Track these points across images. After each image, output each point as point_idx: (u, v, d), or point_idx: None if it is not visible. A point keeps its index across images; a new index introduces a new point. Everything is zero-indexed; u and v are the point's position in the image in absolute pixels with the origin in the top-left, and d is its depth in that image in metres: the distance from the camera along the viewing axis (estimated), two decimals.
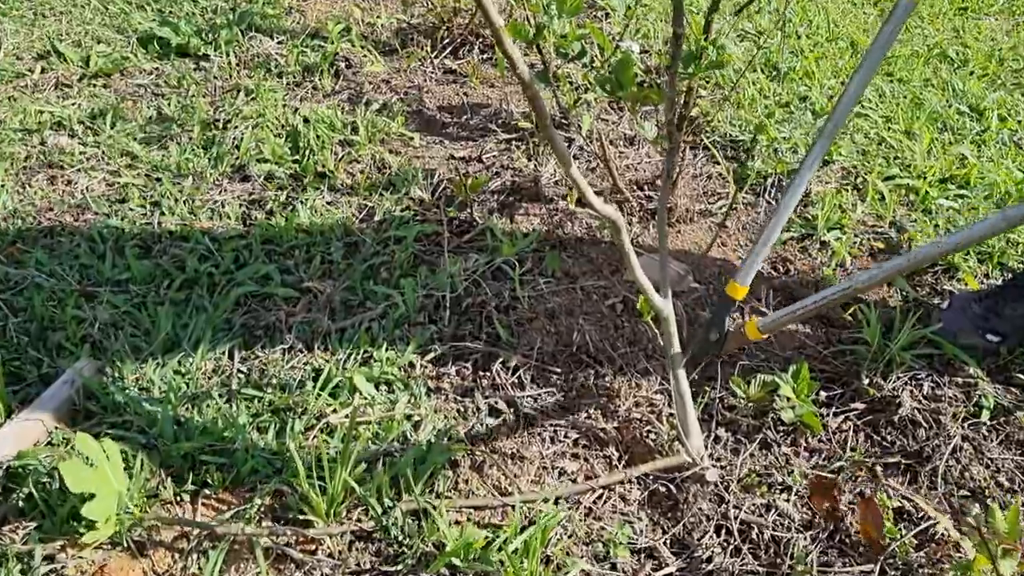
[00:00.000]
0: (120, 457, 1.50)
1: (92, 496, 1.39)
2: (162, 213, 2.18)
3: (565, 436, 1.69)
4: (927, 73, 3.05)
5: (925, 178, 2.37)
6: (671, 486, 1.60)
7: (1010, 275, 1.98)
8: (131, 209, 2.19)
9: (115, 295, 1.93)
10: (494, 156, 2.50)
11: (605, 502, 1.58)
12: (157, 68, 2.85)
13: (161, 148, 2.43)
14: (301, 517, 1.48)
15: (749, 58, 2.88)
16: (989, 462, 1.65)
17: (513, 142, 2.57)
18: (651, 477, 1.62)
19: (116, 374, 1.75)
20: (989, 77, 3.07)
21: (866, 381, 1.79)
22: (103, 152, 2.39)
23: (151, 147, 2.43)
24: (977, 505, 1.57)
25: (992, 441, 1.68)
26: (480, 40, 3.06)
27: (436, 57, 2.99)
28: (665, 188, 1.38)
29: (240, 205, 2.24)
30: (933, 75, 3.03)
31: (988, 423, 1.71)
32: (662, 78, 2.84)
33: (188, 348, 1.81)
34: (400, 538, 1.45)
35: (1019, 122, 2.75)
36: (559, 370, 1.82)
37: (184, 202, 2.22)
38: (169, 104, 2.62)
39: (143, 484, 1.54)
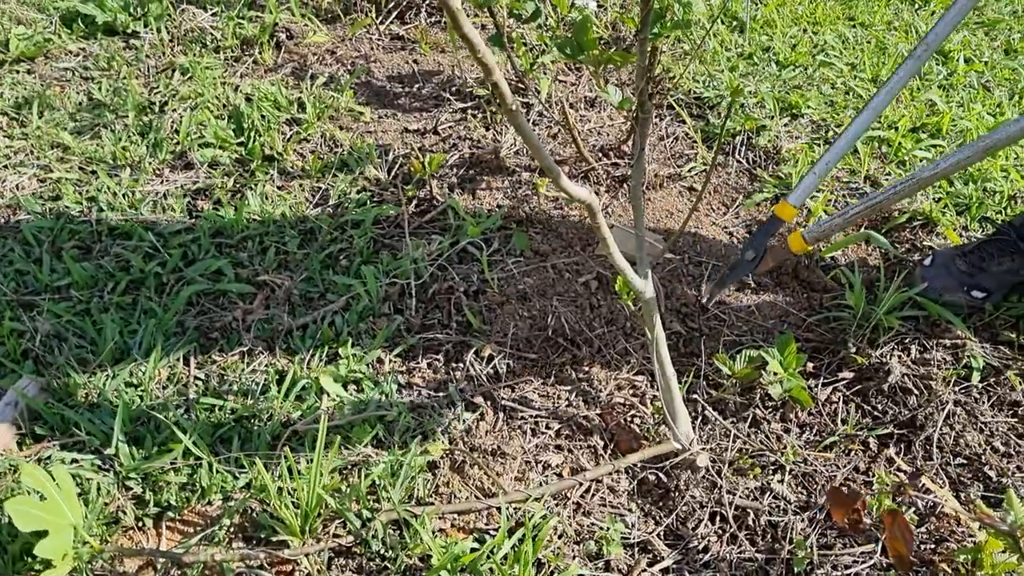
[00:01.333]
0: (72, 485, 1.38)
1: (45, 533, 1.29)
2: (100, 209, 2.03)
3: (547, 427, 1.61)
4: (888, 15, 2.97)
5: (896, 129, 2.30)
6: (661, 474, 1.53)
7: (993, 229, 1.92)
8: (66, 207, 2.04)
9: (56, 303, 1.79)
10: (450, 127, 2.38)
11: (593, 495, 1.51)
12: (83, 49, 2.66)
13: (94, 137, 2.26)
14: (274, 538, 1.39)
15: (710, 11, 2.78)
16: (983, 426, 1.60)
17: (469, 111, 2.44)
18: (639, 466, 1.55)
19: (63, 390, 1.62)
20: None
21: (853, 349, 1.73)
22: (31, 145, 2.22)
23: (83, 137, 2.27)
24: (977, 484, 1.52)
25: (984, 404, 1.64)
26: (427, 2, 2.91)
27: (382, 23, 2.84)
28: (638, 166, 1.29)
29: (184, 196, 2.10)
30: (895, 17, 2.96)
31: (979, 385, 1.67)
32: (621, 34, 2.73)
33: (139, 356, 1.69)
34: (382, 552, 1.37)
35: (985, 63, 2.69)
36: (535, 356, 1.73)
37: (123, 196, 2.07)
38: (100, 88, 2.45)
39: (101, 511, 1.43)
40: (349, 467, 1.50)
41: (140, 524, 1.44)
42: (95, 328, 1.75)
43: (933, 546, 1.39)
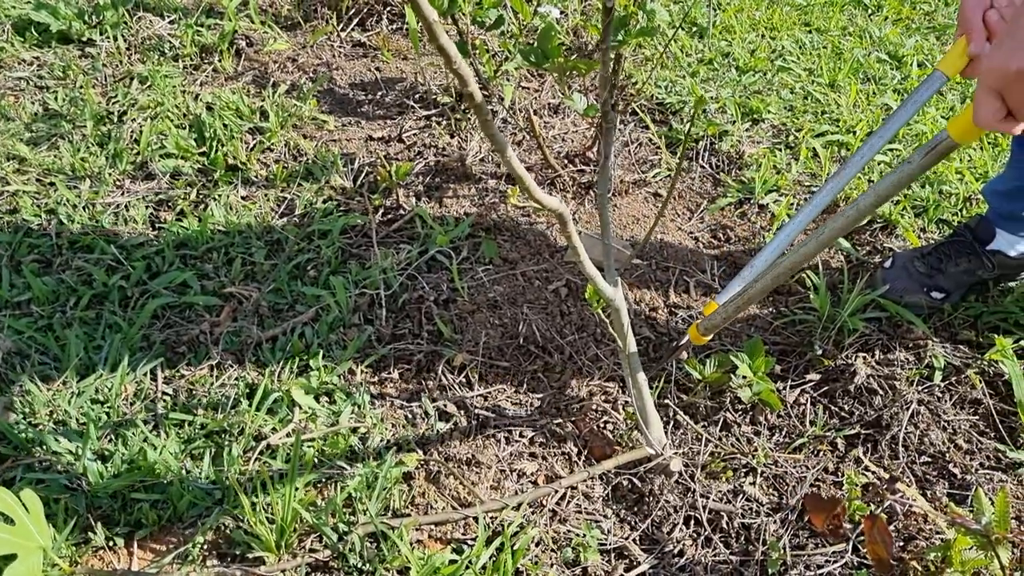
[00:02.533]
0: (41, 507, 1.35)
1: (14, 557, 1.26)
2: (60, 222, 1.99)
3: (520, 435, 1.62)
4: (843, 21, 3.03)
5: (854, 133, 2.35)
6: (635, 479, 1.55)
7: (950, 231, 1.97)
8: (24, 220, 1.99)
9: (16, 319, 1.76)
10: (414, 135, 2.38)
11: (569, 502, 1.52)
12: (38, 58, 2.61)
13: (51, 148, 2.22)
14: (250, 555, 1.37)
15: (670, 17, 2.80)
16: (946, 424, 1.64)
17: (433, 118, 2.44)
18: (613, 472, 1.56)
19: (26, 409, 1.59)
20: (903, 22, 3.07)
21: (819, 351, 1.76)
22: None
23: (40, 148, 2.22)
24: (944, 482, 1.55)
25: (946, 403, 1.68)
26: (388, 9, 2.91)
27: (343, 30, 2.83)
28: (603, 174, 1.30)
29: (146, 207, 2.06)
30: (849, 23, 3.02)
31: (941, 384, 1.71)
32: (583, 39, 2.75)
33: (105, 372, 1.66)
34: (360, 565, 1.36)
35: None
36: (507, 364, 1.74)
37: (83, 208, 2.04)
38: (56, 98, 2.40)
39: (71, 532, 1.40)
40: (324, 480, 1.49)
41: (111, 544, 1.41)
42: (58, 344, 1.71)
43: (902, 543, 1.42)
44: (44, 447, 1.52)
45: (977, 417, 1.66)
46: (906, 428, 1.62)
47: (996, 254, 1.82)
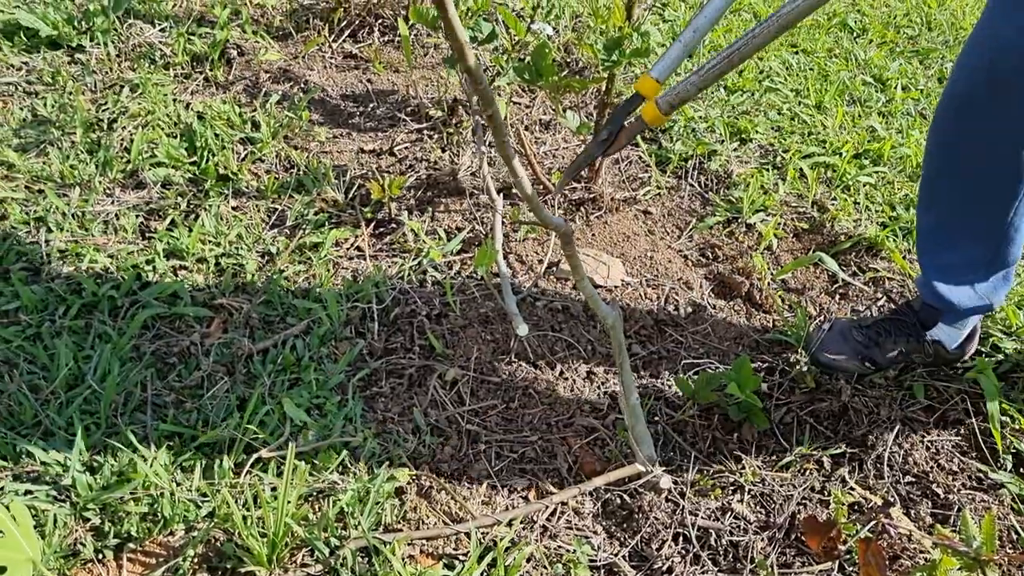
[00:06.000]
0: (30, 519, 1.34)
1: (3, 570, 1.25)
2: (49, 230, 1.98)
3: (511, 450, 1.63)
4: (829, 43, 3.08)
5: (841, 155, 2.39)
6: (625, 496, 1.56)
7: (891, 307, 1.95)
8: (13, 227, 1.98)
9: (4, 327, 1.74)
10: (406, 148, 2.39)
11: (559, 518, 1.53)
12: (26, 63, 2.59)
13: (40, 155, 2.21)
14: (241, 568, 1.37)
15: (660, 36, 2.84)
16: (929, 444, 1.67)
17: (424, 132, 2.45)
18: (603, 488, 1.57)
19: (15, 419, 1.58)
20: (888, 45, 3.13)
21: (805, 369, 1.79)
22: None
23: (29, 154, 2.20)
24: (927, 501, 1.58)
25: (929, 423, 1.70)
26: (380, 21, 2.92)
27: (335, 41, 2.83)
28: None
29: (137, 216, 2.06)
30: (835, 45, 3.07)
31: (923, 402, 1.74)
32: (573, 56, 2.77)
33: (94, 383, 1.65)
34: None
35: (920, 91, 2.81)
36: (498, 380, 1.75)
37: (73, 216, 2.03)
38: (45, 104, 2.38)
39: (59, 543, 1.39)
40: (315, 494, 1.49)
41: (100, 556, 1.40)
42: (47, 354, 1.70)
43: (887, 563, 1.44)
44: (32, 457, 1.51)
45: (959, 438, 1.69)
46: (891, 448, 1.64)
47: (936, 343, 1.75)
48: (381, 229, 2.08)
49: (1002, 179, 1.54)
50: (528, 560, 1.44)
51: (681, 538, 1.51)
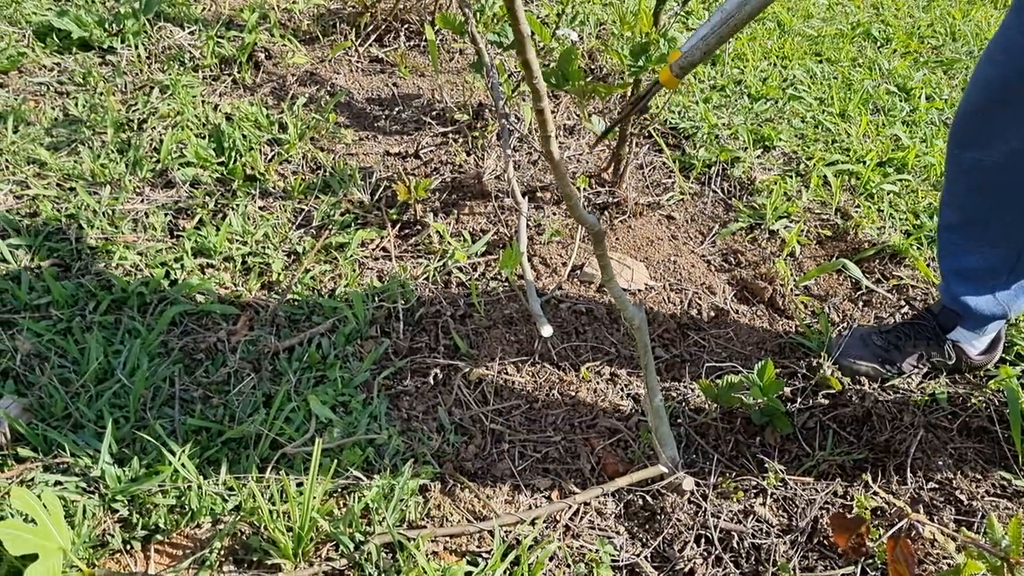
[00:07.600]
0: (61, 509, 1.37)
1: (35, 557, 1.27)
2: (80, 227, 2.01)
3: (535, 450, 1.63)
4: (853, 52, 3.08)
5: (864, 163, 2.39)
6: (647, 497, 1.56)
7: (912, 313, 1.96)
8: (44, 224, 2.02)
9: (36, 322, 1.77)
10: (431, 151, 2.41)
11: (582, 518, 1.53)
12: (58, 64, 2.64)
13: (72, 154, 2.24)
14: (267, 561, 1.38)
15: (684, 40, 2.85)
16: (953, 451, 1.66)
17: (450, 135, 2.47)
18: (626, 489, 1.57)
19: (46, 411, 1.60)
20: (912, 55, 3.12)
21: (828, 373, 1.79)
22: (7, 161, 2.19)
23: (60, 153, 2.24)
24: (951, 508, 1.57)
25: (952, 430, 1.70)
26: (406, 27, 2.95)
27: (361, 45, 2.86)
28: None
29: (165, 214, 2.09)
30: (859, 54, 3.06)
31: (947, 409, 1.73)
32: (597, 63, 2.79)
33: (124, 377, 1.68)
34: (376, 575, 1.37)
35: (944, 101, 2.80)
36: (522, 380, 1.76)
37: (103, 214, 2.06)
38: (76, 104, 2.42)
39: (88, 534, 1.41)
40: (340, 490, 1.50)
41: (128, 547, 1.42)
42: (77, 348, 1.73)
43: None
44: (63, 449, 1.53)
45: (982, 444, 1.68)
46: (914, 454, 1.64)
47: (955, 347, 1.78)
48: (406, 230, 2.10)
49: (1018, 186, 1.55)
50: (551, 559, 1.45)
51: (703, 540, 1.51)
